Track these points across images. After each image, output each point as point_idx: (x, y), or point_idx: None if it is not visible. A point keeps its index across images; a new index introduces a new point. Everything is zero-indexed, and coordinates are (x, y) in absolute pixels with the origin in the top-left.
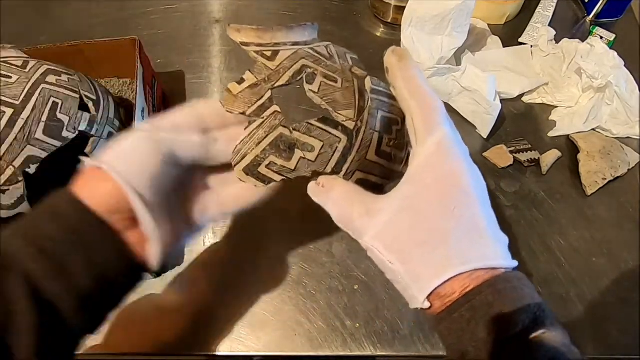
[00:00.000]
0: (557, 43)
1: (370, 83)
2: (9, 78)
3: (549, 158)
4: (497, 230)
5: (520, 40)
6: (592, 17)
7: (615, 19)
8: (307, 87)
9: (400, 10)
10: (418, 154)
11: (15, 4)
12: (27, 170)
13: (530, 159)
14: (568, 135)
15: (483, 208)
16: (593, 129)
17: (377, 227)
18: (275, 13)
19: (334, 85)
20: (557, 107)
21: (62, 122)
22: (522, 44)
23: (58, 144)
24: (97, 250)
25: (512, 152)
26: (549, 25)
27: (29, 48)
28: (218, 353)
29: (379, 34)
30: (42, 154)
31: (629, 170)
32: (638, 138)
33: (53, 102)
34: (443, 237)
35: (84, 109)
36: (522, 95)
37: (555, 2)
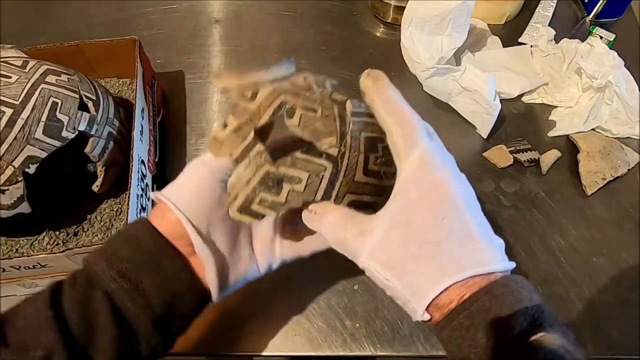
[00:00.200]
0: (557, 43)
1: (351, 106)
2: (9, 78)
3: (549, 158)
4: (490, 235)
5: (520, 40)
6: (592, 17)
7: (615, 19)
8: (287, 121)
9: (400, 10)
10: (402, 170)
11: (15, 4)
12: (26, 170)
13: (530, 159)
14: (568, 135)
15: (473, 215)
16: (593, 129)
17: (370, 246)
18: (275, 13)
19: (314, 116)
20: (557, 107)
21: (61, 122)
22: (522, 44)
23: (58, 144)
24: (168, 272)
25: (512, 152)
26: (549, 25)
27: (29, 48)
28: (218, 353)
29: (379, 34)
30: (42, 154)
31: (629, 170)
32: (638, 138)
33: (53, 102)
34: (435, 248)
35: (84, 109)
36: (522, 95)
37: (555, 2)
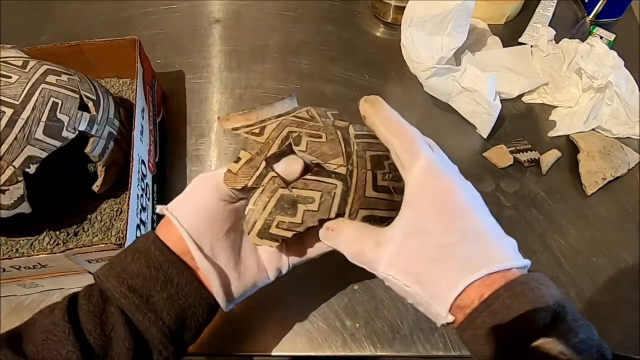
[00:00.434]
0: (557, 43)
1: (354, 130)
2: (9, 78)
3: (549, 158)
4: (501, 235)
5: (520, 40)
6: (592, 17)
7: (615, 19)
8: (296, 149)
9: (400, 10)
10: (409, 182)
11: (15, 4)
12: (27, 170)
13: (530, 159)
14: (568, 135)
15: (482, 217)
16: (593, 129)
17: (387, 255)
18: (276, 13)
19: (320, 141)
20: (557, 107)
21: (62, 122)
22: (522, 44)
23: (58, 144)
24: (177, 286)
25: (512, 152)
26: (549, 25)
27: (29, 48)
28: (218, 353)
29: (379, 34)
30: (42, 154)
31: (629, 170)
32: (638, 138)
33: (53, 102)
34: (450, 251)
35: (84, 109)
36: (522, 95)
37: (555, 2)
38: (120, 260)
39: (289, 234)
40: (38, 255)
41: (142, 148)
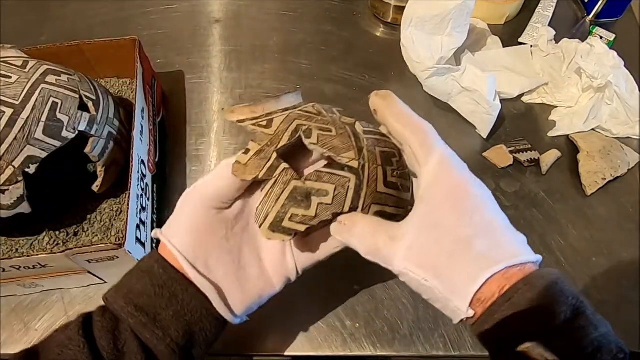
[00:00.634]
0: (557, 43)
1: (361, 126)
2: (9, 78)
3: (549, 158)
4: (514, 231)
5: (520, 40)
6: (592, 17)
7: (615, 19)
8: (306, 141)
9: (400, 10)
10: (424, 176)
11: (15, 4)
12: (26, 170)
13: (530, 159)
14: (568, 135)
15: (496, 212)
16: (593, 129)
17: (404, 249)
18: (276, 13)
19: (330, 134)
20: (557, 107)
21: (61, 122)
22: (522, 44)
23: (58, 144)
24: (182, 302)
25: (512, 152)
26: (549, 25)
27: (29, 48)
28: (218, 353)
29: (379, 34)
30: (42, 154)
31: (629, 170)
32: (638, 138)
33: (53, 102)
34: (468, 244)
35: (84, 109)
36: (522, 95)
37: (555, 2)
38: (126, 281)
39: (302, 228)
40: (38, 255)
41: (142, 148)
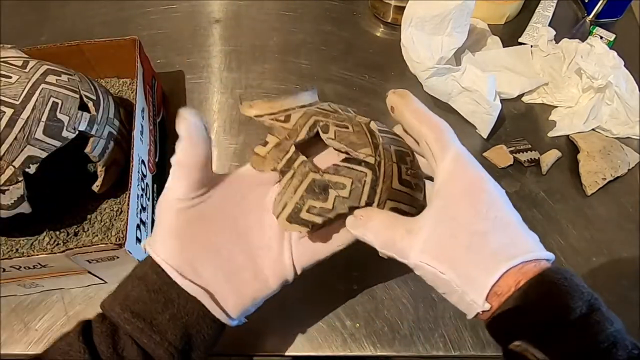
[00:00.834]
0: (557, 43)
1: (376, 125)
2: (9, 78)
3: (549, 158)
4: (527, 228)
5: (520, 40)
6: (592, 17)
7: (615, 19)
8: (324, 136)
9: (400, 10)
10: (440, 172)
11: (15, 4)
12: (27, 170)
13: (530, 159)
14: (568, 135)
15: (510, 208)
16: (593, 129)
17: (420, 242)
18: (276, 13)
19: (347, 130)
20: (557, 107)
21: (62, 122)
22: (522, 44)
23: (58, 144)
24: (177, 306)
25: (512, 152)
26: (549, 25)
27: (29, 48)
28: (218, 353)
29: (379, 34)
30: (42, 154)
31: (629, 170)
32: (638, 138)
33: (53, 102)
34: (484, 238)
35: (84, 109)
36: (522, 95)
37: (555, 2)
38: (122, 288)
39: (319, 220)
40: (38, 255)
41: (142, 148)
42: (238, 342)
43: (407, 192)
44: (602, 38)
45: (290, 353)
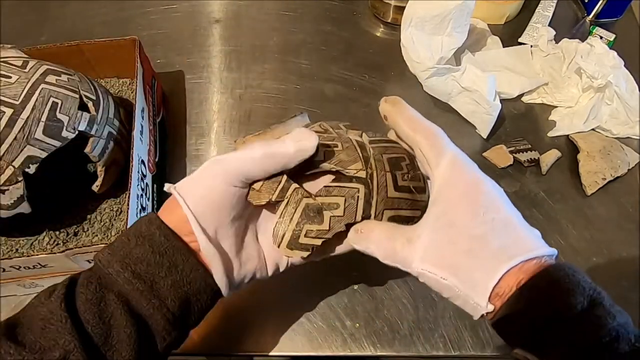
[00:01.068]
0: (557, 43)
1: (367, 136)
2: (9, 78)
3: (549, 158)
4: (528, 226)
5: (520, 40)
6: (592, 17)
7: (615, 19)
8: (314, 160)
9: (400, 10)
10: (436, 178)
11: (15, 4)
12: (26, 170)
13: (530, 159)
14: (568, 135)
15: (509, 208)
16: (593, 129)
17: (420, 250)
18: (276, 13)
19: (336, 149)
20: (557, 107)
21: (61, 122)
22: (522, 44)
23: (58, 144)
24: (182, 272)
25: (512, 152)
26: (549, 25)
27: (29, 48)
28: (218, 353)
29: (379, 34)
30: (41, 154)
31: (629, 170)
32: (638, 138)
33: (53, 102)
34: (483, 241)
35: (84, 109)
36: (522, 95)
37: (555, 2)
38: (123, 245)
39: (319, 242)
40: (38, 255)
41: (142, 148)
42: (238, 342)
43: (406, 197)
44: (602, 38)
45: (290, 353)
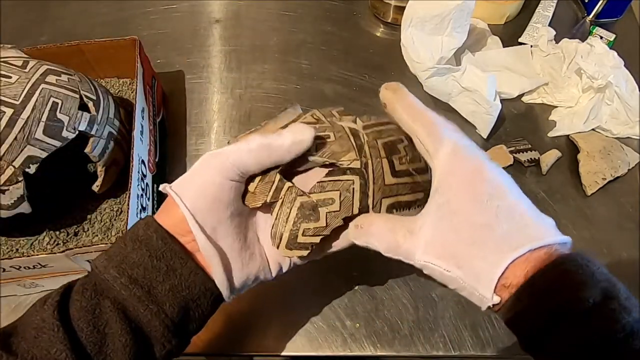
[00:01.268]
0: (557, 43)
1: (361, 122)
2: (9, 78)
3: (549, 158)
4: (538, 213)
5: (520, 40)
6: (592, 17)
7: (615, 19)
8: (306, 154)
9: (400, 10)
10: (436, 167)
11: (15, 4)
12: (27, 170)
13: (530, 159)
14: (568, 135)
15: (516, 194)
16: (593, 129)
17: (423, 242)
18: (276, 13)
19: (328, 141)
20: (557, 107)
21: (62, 122)
22: (522, 44)
23: (58, 144)
24: (180, 277)
25: (512, 152)
26: (549, 25)
27: (29, 48)
28: (218, 353)
29: (379, 34)
30: (42, 154)
31: (629, 170)
32: (638, 138)
33: (53, 102)
34: (487, 230)
35: (84, 109)
36: (522, 95)
37: (555, 2)
38: (120, 250)
39: (317, 239)
40: (38, 255)
41: (142, 148)
42: (238, 342)
43: (405, 181)
44: (602, 38)
45: (290, 353)
